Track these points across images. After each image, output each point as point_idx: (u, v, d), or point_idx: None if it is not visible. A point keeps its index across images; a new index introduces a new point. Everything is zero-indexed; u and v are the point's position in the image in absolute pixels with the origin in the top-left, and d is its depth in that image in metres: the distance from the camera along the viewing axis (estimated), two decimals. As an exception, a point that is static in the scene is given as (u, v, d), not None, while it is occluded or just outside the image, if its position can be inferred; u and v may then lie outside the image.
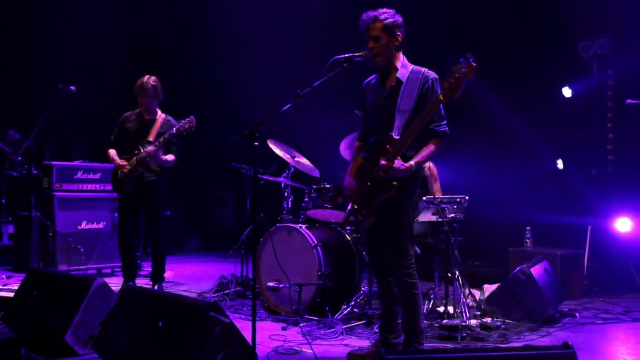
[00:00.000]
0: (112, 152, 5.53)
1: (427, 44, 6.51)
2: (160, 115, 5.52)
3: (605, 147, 7.05)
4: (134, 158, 5.35)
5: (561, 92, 7.21)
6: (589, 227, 6.61)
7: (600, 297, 5.98)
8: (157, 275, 5.55)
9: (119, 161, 5.42)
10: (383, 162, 3.49)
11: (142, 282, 6.11)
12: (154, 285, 5.52)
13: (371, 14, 3.66)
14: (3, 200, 8.12)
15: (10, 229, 8.03)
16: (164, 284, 5.62)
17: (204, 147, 9.12)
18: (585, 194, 6.96)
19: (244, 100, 8.47)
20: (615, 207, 6.73)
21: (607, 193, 6.83)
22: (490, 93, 6.97)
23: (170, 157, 5.40)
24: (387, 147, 3.51)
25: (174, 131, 5.22)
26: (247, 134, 3.45)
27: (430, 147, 3.61)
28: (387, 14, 3.65)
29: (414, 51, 3.88)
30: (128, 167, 5.35)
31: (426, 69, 3.69)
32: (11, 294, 4.54)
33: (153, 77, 5.46)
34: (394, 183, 3.50)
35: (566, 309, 5.24)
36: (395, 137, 3.54)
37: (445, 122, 3.65)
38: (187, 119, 5.22)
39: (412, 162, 3.53)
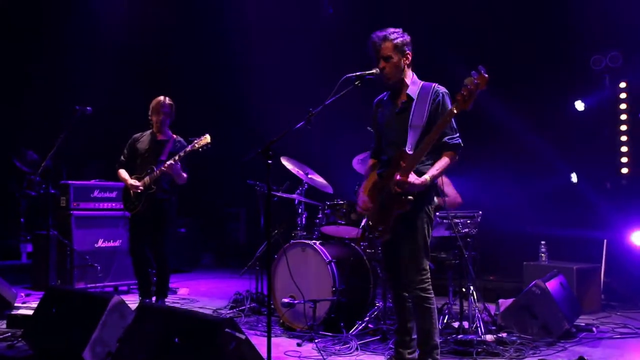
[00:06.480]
0: (123, 172, 5.59)
1: (437, 59, 6.54)
2: (172, 136, 5.62)
3: (620, 160, 7.03)
4: (147, 177, 5.39)
5: (574, 105, 7.20)
6: (605, 241, 6.55)
7: (617, 312, 5.93)
8: (161, 292, 5.56)
9: (130, 181, 5.48)
10: (398, 177, 3.51)
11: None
12: (157, 301, 5.52)
13: (380, 34, 3.70)
14: (22, 220, 8.27)
15: (29, 247, 8.14)
16: (180, 301, 5.61)
17: (218, 164, 9.21)
18: (600, 208, 6.91)
19: (259, 117, 8.57)
20: (631, 220, 6.69)
21: (622, 206, 6.79)
22: (502, 107, 6.98)
23: (184, 174, 5.46)
24: (401, 162, 3.54)
25: (189, 148, 5.27)
26: (260, 152, 3.49)
27: (445, 160, 3.62)
28: (396, 34, 3.69)
29: (425, 70, 3.92)
30: (142, 187, 5.41)
31: (436, 84, 3.72)
32: (30, 312, 4.61)
33: (169, 98, 5.60)
34: (410, 198, 3.51)
35: (583, 324, 5.19)
36: (408, 152, 3.57)
37: (457, 134, 3.67)
38: (202, 137, 5.27)
39: (426, 176, 3.55)
